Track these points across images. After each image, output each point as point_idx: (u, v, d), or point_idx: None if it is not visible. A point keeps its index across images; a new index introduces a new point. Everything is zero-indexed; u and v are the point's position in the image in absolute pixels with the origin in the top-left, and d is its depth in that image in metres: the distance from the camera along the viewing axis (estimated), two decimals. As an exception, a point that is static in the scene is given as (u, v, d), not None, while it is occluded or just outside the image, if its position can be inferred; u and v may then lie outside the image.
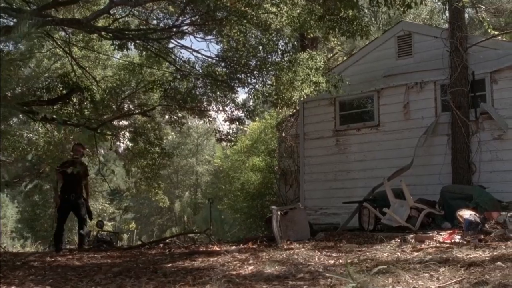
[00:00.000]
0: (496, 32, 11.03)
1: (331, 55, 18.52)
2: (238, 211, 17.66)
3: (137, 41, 11.44)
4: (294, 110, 15.41)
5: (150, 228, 39.03)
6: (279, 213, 9.24)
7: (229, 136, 14.15)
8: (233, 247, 9.03)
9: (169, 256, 7.10)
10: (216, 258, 6.24)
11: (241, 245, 9.45)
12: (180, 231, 23.32)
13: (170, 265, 5.72)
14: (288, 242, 8.92)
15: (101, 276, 4.52)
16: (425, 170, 11.31)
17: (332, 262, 5.24)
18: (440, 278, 3.57)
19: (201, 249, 8.62)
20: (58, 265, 6.22)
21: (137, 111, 14.15)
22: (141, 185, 17.02)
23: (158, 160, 15.85)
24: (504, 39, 12.63)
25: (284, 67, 10.27)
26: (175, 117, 15.81)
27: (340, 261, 5.32)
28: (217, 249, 8.53)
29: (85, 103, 12.28)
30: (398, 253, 5.67)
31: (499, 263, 4.07)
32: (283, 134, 15.22)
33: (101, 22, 12.67)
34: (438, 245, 6.95)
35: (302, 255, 6.06)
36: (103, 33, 11.08)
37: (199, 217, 25.49)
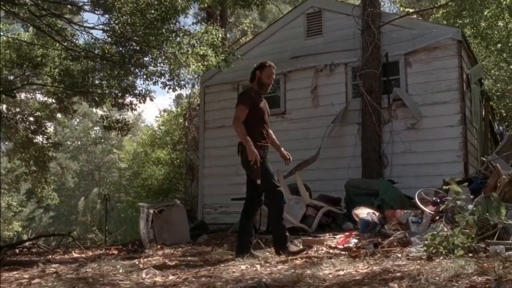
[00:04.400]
0: (411, 10, 9.88)
1: (240, 37, 17.09)
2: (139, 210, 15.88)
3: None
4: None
5: (71, 228, 36.33)
6: (151, 211, 7.63)
7: (120, 124, 12.41)
8: (91, 253, 7.42)
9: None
10: (14, 272, 4.56)
11: (108, 250, 7.84)
12: (81, 230, 21.23)
13: None
14: (159, 246, 7.38)
15: None
16: (333, 163, 10.04)
17: (150, 281, 3.71)
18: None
19: (46, 257, 6.89)
20: None
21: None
22: (25, 179, 14.91)
23: (42, 152, 13.82)
24: (420, 18, 11.58)
25: (167, 38, 8.68)
26: (66, 103, 13.90)
27: (160, 279, 3.80)
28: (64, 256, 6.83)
29: None
30: (258, 266, 4.20)
31: (362, 289, 2.68)
32: (186, 124, 13.60)
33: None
34: (326, 251, 5.61)
35: (132, 268, 4.50)
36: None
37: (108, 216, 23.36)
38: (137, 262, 5.22)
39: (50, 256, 7.07)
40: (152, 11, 8.57)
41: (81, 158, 42.90)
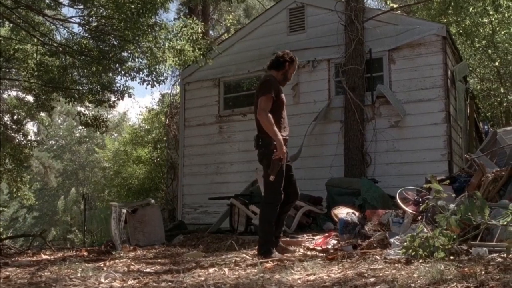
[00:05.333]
0: (395, 5, 9.65)
1: (223, 33, 16.78)
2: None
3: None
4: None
5: (55, 227, 35.70)
6: (124, 211, 7.32)
7: (97, 121, 12.06)
8: (62, 254, 7.08)
9: None
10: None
11: (78, 251, 7.51)
12: (62, 231, 20.79)
13: None
14: (132, 247, 7.06)
15: None
16: (315, 162, 9.79)
17: (107, 286, 3.42)
18: None
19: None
20: None
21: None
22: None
23: (18, 149, 13.42)
24: (404, 14, 11.36)
25: (144, 32, 8.36)
26: (43, 100, 13.50)
27: (118, 284, 3.51)
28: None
29: None
30: (226, 270, 3.92)
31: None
32: (167, 122, 13.27)
33: None
34: (303, 253, 5.36)
35: (94, 271, 4.20)
36: None
37: (88, 216, 22.91)
38: (102, 265, 4.92)
39: (15, 258, 6.72)
40: (129, 4, 8.25)
41: (65, 157, 42.30)
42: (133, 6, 8.20)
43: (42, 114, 22.28)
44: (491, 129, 11.99)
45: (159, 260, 5.53)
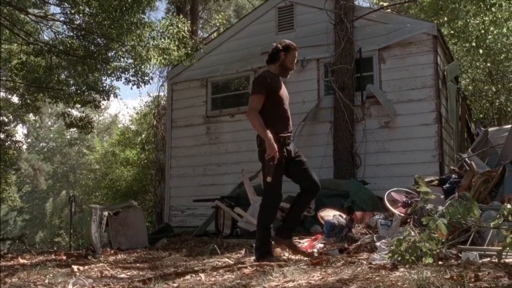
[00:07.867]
0: (385, 4, 9.47)
1: (212, 33, 16.57)
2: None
3: None
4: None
5: (43, 231, 35.30)
6: (106, 213, 7.08)
7: (82, 122, 11.81)
8: (42, 258, 6.88)
9: None
10: None
11: (57, 255, 7.29)
12: (49, 234, 20.48)
13: None
14: (113, 251, 6.84)
15: None
16: (304, 164, 9.54)
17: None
18: None
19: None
20: None
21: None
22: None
23: (3, 150, 13.15)
24: (394, 12, 11.19)
25: (128, 30, 8.13)
26: (28, 100, 13.25)
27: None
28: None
29: None
30: (203, 276, 3.70)
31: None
32: (155, 123, 13.03)
33: None
34: (288, 257, 5.14)
35: (65, 277, 3.97)
36: None
37: (76, 219, 22.65)
38: (75, 270, 4.69)
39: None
40: (112, 1, 8.02)
41: (56, 159, 41.84)
42: (116, 3, 7.97)
43: (31, 115, 21.94)
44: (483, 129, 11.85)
45: (138, 264, 5.31)
